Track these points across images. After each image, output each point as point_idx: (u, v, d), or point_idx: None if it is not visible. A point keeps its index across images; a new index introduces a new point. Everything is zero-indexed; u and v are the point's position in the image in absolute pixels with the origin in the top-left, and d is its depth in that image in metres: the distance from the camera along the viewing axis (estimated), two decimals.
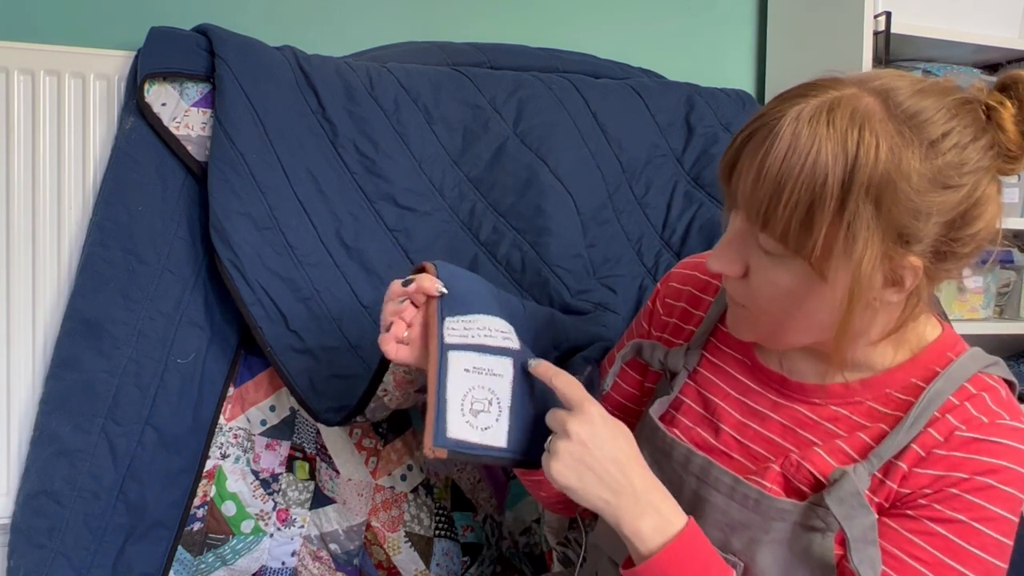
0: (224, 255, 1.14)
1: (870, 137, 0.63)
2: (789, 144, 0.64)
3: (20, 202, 1.21)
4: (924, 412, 0.72)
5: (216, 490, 1.22)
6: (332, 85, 1.25)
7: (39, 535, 1.11)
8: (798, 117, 0.65)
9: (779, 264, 0.69)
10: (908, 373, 0.76)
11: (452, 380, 0.82)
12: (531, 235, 1.28)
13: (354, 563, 1.24)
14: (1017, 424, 0.72)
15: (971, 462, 0.70)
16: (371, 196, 1.25)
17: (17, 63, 1.20)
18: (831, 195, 0.63)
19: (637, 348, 0.91)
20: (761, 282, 0.71)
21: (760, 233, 0.68)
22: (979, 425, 0.71)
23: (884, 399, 0.76)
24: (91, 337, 1.15)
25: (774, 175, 0.64)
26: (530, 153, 1.31)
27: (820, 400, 0.79)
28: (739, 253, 0.71)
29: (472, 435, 0.81)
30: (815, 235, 0.64)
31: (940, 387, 0.73)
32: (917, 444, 0.72)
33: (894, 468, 0.72)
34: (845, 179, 0.63)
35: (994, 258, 0.73)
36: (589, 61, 1.50)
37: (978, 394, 0.73)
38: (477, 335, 0.84)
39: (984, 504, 0.69)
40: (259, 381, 1.23)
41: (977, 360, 0.75)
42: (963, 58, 1.78)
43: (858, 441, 0.75)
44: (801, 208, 0.64)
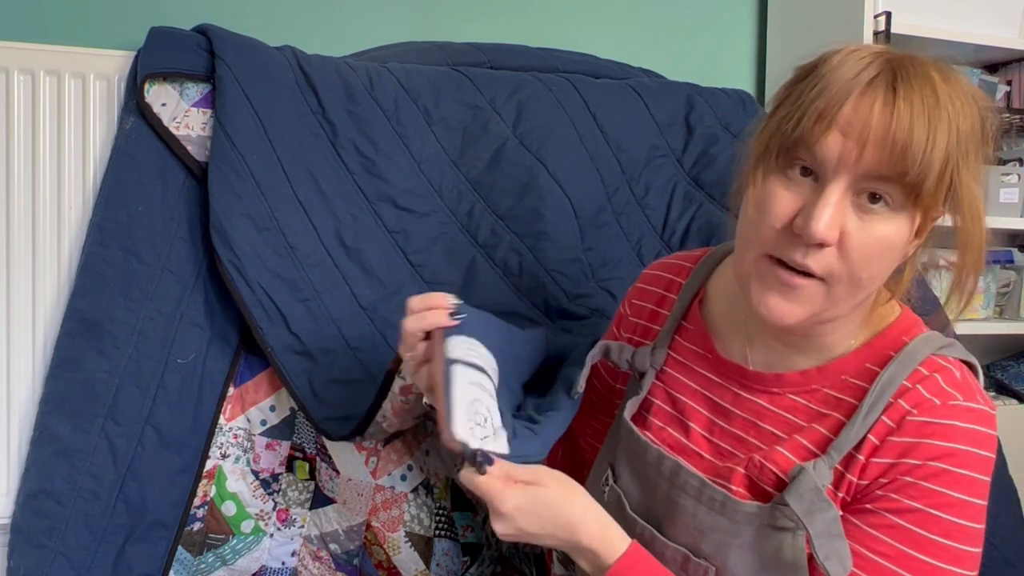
0: (224, 256, 1.14)
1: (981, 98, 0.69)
2: (945, 109, 0.65)
3: (20, 202, 1.21)
4: (879, 400, 0.71)
5: (216, 490, 1.22)
6: (332, 85, 1.25)
7: (39, 535, 1.11)
8: (924, 79, 0.66)
9: (882, 220, 0.67)
10: (863, 358, 0.75)
11: (458, 391, 0.83)
12: (529, 239, 1.28)
13: (354, 563, 1.24)
14: (972, 404, 0.71)
15: (923, 447, 0.69)
16: (371, 197, 1.25)
17: (17, 63, 1.20)
18: (969, 143, 0.67)
19: (604, 349, 0.90)
20: (862, 242, 0.67)
21: (885, 188, 0.66)
22: (931, 408, 0.70)
23: (840, 385, 0.75)
24: (91, 337, 1.15)
25: (943, 137, 0.65)
26: (529, 155, 1.31)
27: (778, 389, 0.78)
28: (839, 218, 0.67)
29: (475, 443, 0.82)
30: (944, 183, 0.66)
31: (893, 372, 0.72)
32: (872, 434, 0.71)
33: (853, 460, 0.72)
34: (977, 127, 0.67)
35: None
36: (589, 61, 1.50)
37: (930, 376, 0.71)
38: (471, 354, 0.86)
39: (941, 490, 0.68)
40: (259, 381, 1.23)
41: (930, 343, 0.74)
42: (963, 58, 1.77)
43: (816, 434, 0.75)
44: (939, 158, 0.64)
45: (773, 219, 0.70)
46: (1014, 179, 1.78)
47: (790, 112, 0.69)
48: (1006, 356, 1.96)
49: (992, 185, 1.77)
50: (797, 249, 0.69)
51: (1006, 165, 1.84)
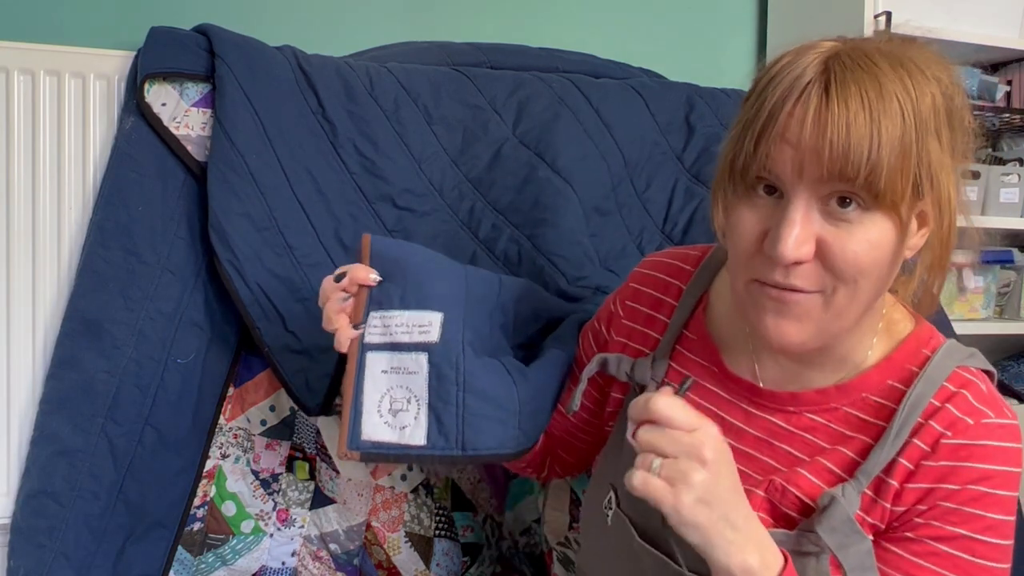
0: (223, 255, 1.14)
1: (948, 77, 0.65)
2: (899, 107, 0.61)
3: (20, 202, 1.20)
4: (907, 421, 0.69)
5: (216, 490, 1.22)
6: (332, 85, 1.25)
7: (39, 535, 1.11)
8: (875, 72, 0.62)
9: (858, 227, 0.63)
10: (884, 375, 0.73)
11: (370, 381, 0.82)
12: (528, 228, 1.28)
13: (354, 563, 1.24)
14: (1003, 421, 0.69)
15: (962, 471, 0.67)
16: (370, 196, 1.25)
17: (17, 63, 1.20)
18: (931, 122, 0.62)
19: (602, 362, 0.85)
20: (844, 251, 0.64)
21: (847, 191, 0.62)
22: (965, 429, 0.68)
23: (861, 404, 0.73)
24: (91, 337, 1.14)
25: (897, 138, 0.61)
26: (529, 152, 1.31)
27: (794, 408, 0.75)
28: (808, 232, 0.64)
29: (390, 435, 0.81)
30: (908, 173, 0.62)
31: (920, 391, 0.69)
32: (904, 457, 0.69)
33: (885, 485, 0.69)
34: (940, 103, 0.63)
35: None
36: (589, 61, 1.50)
37: (959, 392, 0.69)
38: (395, 332, 0.84)
39: (982, 513, 0.67)
40: (259, 381, 1.23)
41: (953, 356, 0.72)
42: (963, 58, 1.77)
43: (841, 456, 0.72)
44: (895, 153, 0.61)
45: (744, 243, 0.67)
46: (1014, 179, 1.78)
47: (738, 132, 0.67)
48: (1006, 356, 1.96)
49: (992, 185, 1.77)
50: (777, 270, 0.66)
51: (1006, 165, 1.85)
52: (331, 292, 0.86)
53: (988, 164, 1.83)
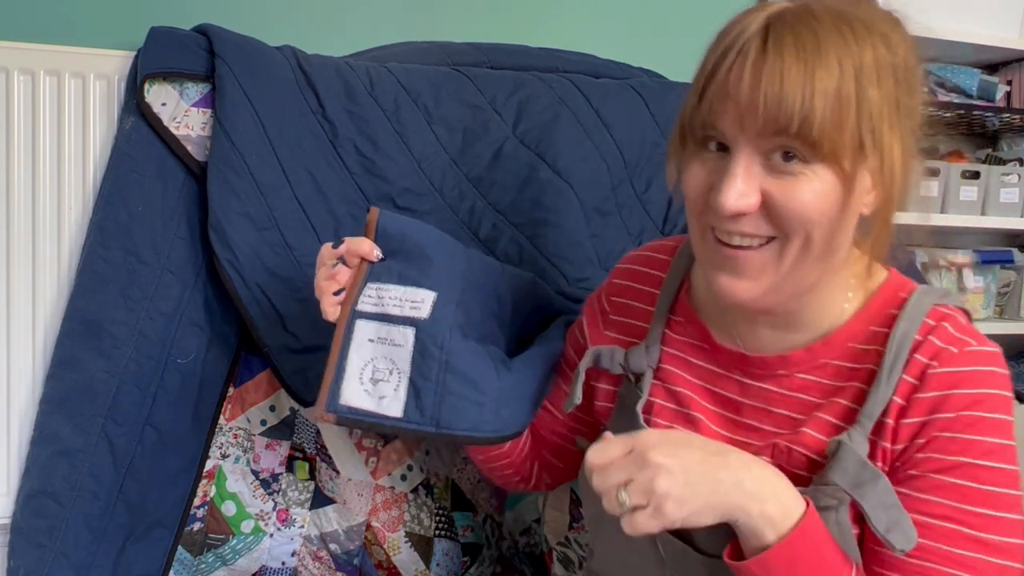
0: (222, 255, 1.14)
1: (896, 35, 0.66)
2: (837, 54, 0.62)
3: (20, 202, 1.21)
4: (897, 358, 0.69)
5: (216, 490, 1.22)
6: (332, 85, 1.25)
7: (39, 535, 1.11)
8: (817, 22, 0.63)
9: (801, 179, 0.65)
10: (864, 323, 0.74)
11: (355, 348, 0.84)
12: (529, 229, 1.28)
13: (354, 563, 1.24)
14: (985, 348, 0.70)
15: (953, 398, 0.68)
16: (370, 196, 1.25)
17: (17, 63, 1.20)
18: (874, 75, 0.63)
19: (596, 356, 0.86)
20: (789, 200, 0.65)
21: (787, 144, 0.64)
22: (950, 357, 0.69)
23: (848, 354, 0.73)
24: (91, 337, 1.15)
25: (796, 74, 0.62)
26: (529, 152, 1.31)
27: (785, 371, 0.76)
28: (751, 185, 0.65)
29: (367, 403, 0.83)
30: (847, 124, 0.63)
31: (904, 329, 0.70)
32: (896, 395, 0.69)
33: (883, 426, 0.70)
34: (885, 57, 0.64)
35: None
36: (589, 61, 1.50)
37: (939, 325, 0.70)
38: (388, 304, 0.85)
39: (980, 438, 0.67)
40: (259, 381, 1.23)
41: (930, 294, 0.73)
42: (963, 58, 1.78)
43: (838, 407, 0.73)
44: (829, 104, 0.62)
45: (694, 198, 0.70)
46: (1014, 179, 1.78)
47: (687, 95, 0.69)
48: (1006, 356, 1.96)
49: (992, 185, 1.77)
50: (725, 223, 0.67)
51: (1006, 165, 1.85)
52: (326, 259, 0.88)
53: (988, 164, 1.83)
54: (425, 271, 0.87)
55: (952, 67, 1.76)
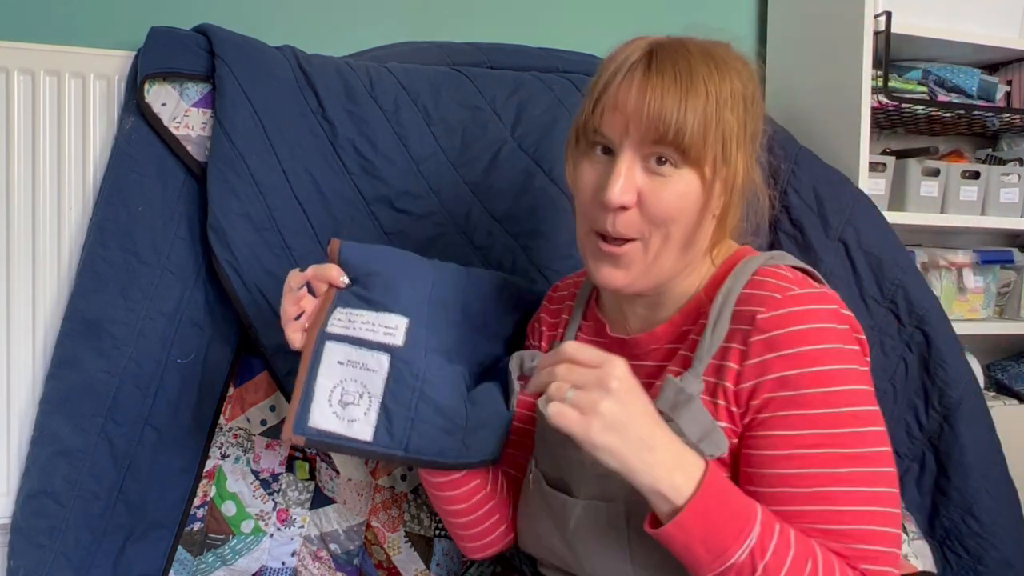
0: (222, 256, 1.14)
1: (745, 69, 0.82)
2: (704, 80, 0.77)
3: (20, 202, 1.21)
4: (723, 308, 0.79)
5: (216, 490, 1.22)
6: (332, 85, 1.25)
7: (39, 535, 1.11)
8: (687, 55, 0.78)
9: (670, 181, 0.78)
10: (711, 290, 0.83)
11: (324, 370, 0.85)
12: (523, 238, 1.28)
13: (354, 563, 1.24)
14: (808, 290, 0.77)
15: (783, 337, 0.75)
16: (368, 198, 1.24)
17: (17, 63, 1.20)
18: (737, 119, 0.78)
19: (519, 361, 0.93)
20: (658, 200, 0.78)
21: (662, 151, 0.77)
22: (773, 302, 0.76)
23: (698, 316, 0.83)
24: (91, 337, 1.15)
25: (703, 107, 0.76)
26: (527, 158, 1.31)
27: (655, 345, 0.86)
28: (631, 182, 0.78)
29: (337, 426, 0.84)
30: (716, 148, 0.77)
31: (729, 285, 0.80)
32: (735, 342, 0.77)
33: (723, 368, 0.78)
34: (743, 102, 0.79)
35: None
36: (589, 61, 1.50)
37: (764, 279, 0.79)
38: (359, 329, 0.86)
39: (821, 368, 0.74)
40: (259, 381, 1.23)
41: (758, 258, 0.83)
42: (963, 58, 1.77)
43: (680, 358, 0.82)
44: (717, 132, 0.77)
45: (584, 194, 0.82)
46: (1014, 179, 1.78)
47: (583, 105, 0.82)
48: (1006, 356, 1.96)
49: (992, 185, 1.77)
50: (607, 219, 0.79)
51: (1006, 165, 1.84)
52: (293, 284, 0.90)
53: (988, 164, 1.83)
54: (393, 296, 0.90)
55: (952, 67, 1.75)
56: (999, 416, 1.32)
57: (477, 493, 0.97)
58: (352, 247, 0.92)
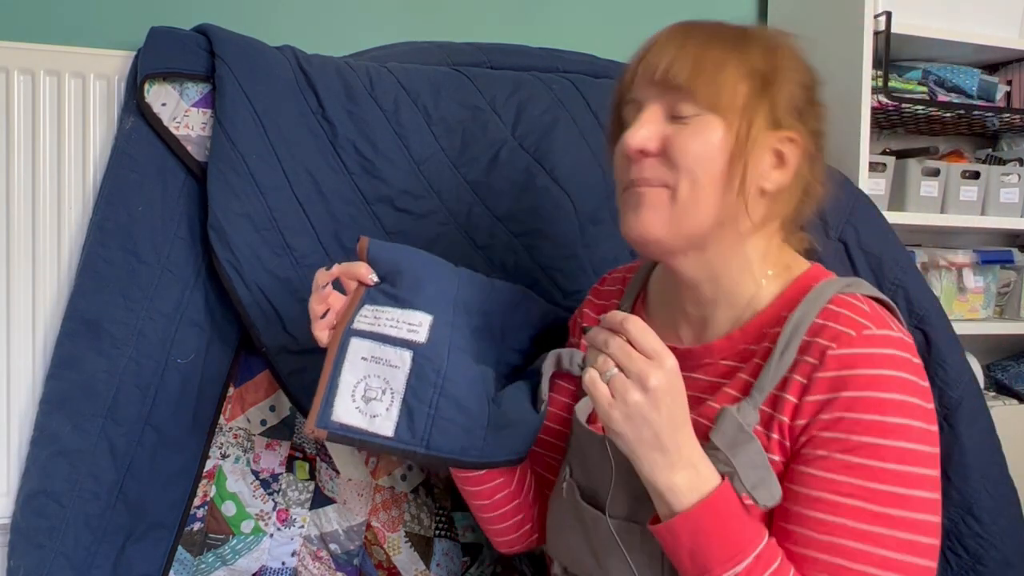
0: (222, 255, 1.14)
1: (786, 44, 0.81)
2: (713, 30, 0.80)
3: (20, 202, 1.21)
4: (792, 338, 0.75)
5: (216, 490, 1.22)
6: (332, 85, 1.25)
7: (39, 535, 1.11)
8: (721, 26, 0.81)
9: (690, 126, 0.77)
10: (778, 309, 0.79)
11: (349, 365, 0.85)
12: (525, 238, 1.28)
13: (354, 563, 1.24)
14: (885, 331, 0.73)
15: (851, 379, 0.71)
16: (369, 198, 1.24)
17: (17, 63, 1.20)
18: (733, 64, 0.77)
19: (557, 358, 0.91)
20: (681, 145, 0.77)
21: (673, 97, 0.77)
22: (848, 340, 0.72)
23: (762, 338, 0.79)
24: (91, 337, 1.15)
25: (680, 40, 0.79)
26: (528, 157, 1.31)
27: (710, 360, 0.83)
28: (653, 130, 0.78)
29: (359, 421, 0.84)
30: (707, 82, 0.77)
31: (803, 311, 0.76)
32: (797, 374, 0.74)
33: (781, 401, 0.74)
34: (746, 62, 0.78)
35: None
36: (589, 61, 1.50)
37: (839, 311, 0.75)
38: (384, 325, 0.87)
39: (881, 418, 0.70)
40: (259, 381, 1.23)
41: (835, 284, 0.79)
42: (963, 58, 1.78)
43: (740, 381, 0.79)
44: (692, 60, 0.77)
45: (617, 157, 0.83)
46: (1014, 179, 1.78)
47: (617, 90, 0.85)
48: (1006, 356, 1.96)
49: (992, 185, 1.77)
50: (632, 168, 0.79)
51: (1006, 165, 1.84)
52: (320, 282, 0.90)
53: (988, 164, 1.83)
54: (419, 294, 0.90)
55: (952, 67, 1.76)
56: (999, 416, 1.32)
57: (500, 491, 0.96)
58: (380, 245, 0.92)
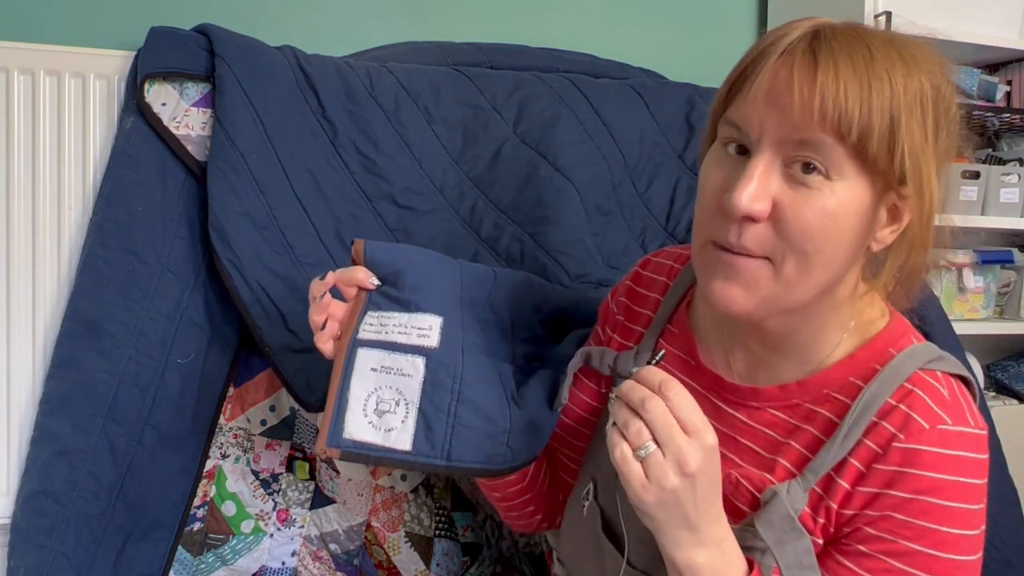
0: (223, 254, 1.14)
1: (934, 63, 0.64)
2: (871, 64, 0.61)
3: (20, 202, 1.21)
4: (860, 419, 0.67)
5: (216, 490, 1.22)
6: (332, 85, 1.25)
7: (39, 535, 1.11)
8: (863, 39, 0.62)
9: (818, 194, 0.63)
10: (847, 371, 0.70)
11: (357, 378, 0.80)
12: (531, 226, 1.28)
13: (354, 563, 1.24)
14: (962, 428, 0.66)
15: (910, 478, 0.64)
16: (371, 196, 1.25)
17: (17, 63, 1.20)
18: (910, 112, 0.61)
19: (586, 356, 0.86)
20: (799, 214, 0.63)
21: (812, 156, 0.62)
22: (918, 433, 0.65)
23: (822, 400, 0.71)
24: (91, 337, 1.14)
25: (861, 91, 0.60)
26: (530, 151, 1.31)
27: (757, 403, 0.74)
28: (765, 188, 0.63)
29: (373, 436, 0.79)
30: (896, 152, 0.61)
31: (876, 390, 0.67)
32: (856, 459, 0.67)
33: (834, 485, 0.68)
34: (928, 93, 0.62)
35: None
36: (589, 61, 1.50)
37: (915, 392, 0.66)
38: (392, 332, 0.82)
39: (936, 527, 0.64)
40: (259, 381, 1.23)
41: (916, 357, 0.69)
42: (963, 58, 1.78)
43: (792, 451, 0.71)
44: (878, 116, 0.60)
45: (706, 199, 0.68)
46: (1014, 179, 1.78)
47: (720, 91, 0.69)
48: (1006, 356, 1.96)
49: (992, 185, 1.77)
50: (731, 229, 0.65)
51: (1006, 165, 1.84)
52: (316, 293, 0.84)
53: (988, 164, 1.83)
54: (424, 295, 0.85)
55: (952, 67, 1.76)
56: (999, 416, 1.32)
57: (512, 486, 0.91)
58: (377, 246, 0.87)
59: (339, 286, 0.85)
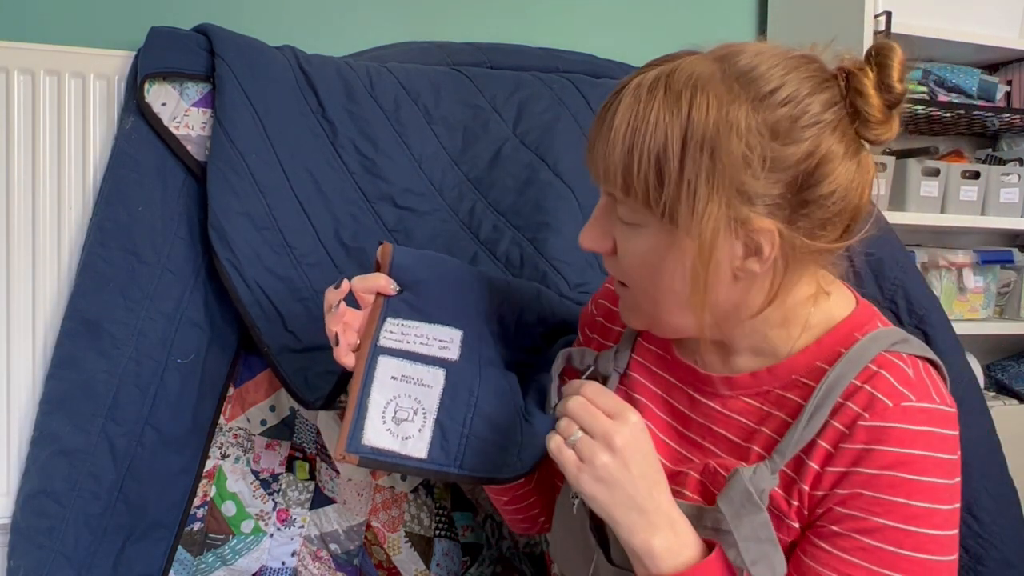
0: (222, 255, 1.14)
1: (700, 97, 0.64)
2: (631, 112, 0.65)
3: (20, 202, 1.21)
4: (825, 400, 0.68)
5: (216, 490, 1.22)
6: (332, 85, 1.25)
7: (39, 535, 1.11)
8: (639, 86, 0.66)
9: (637, 233, 0.69)
10: (813, 356, 0.72)
11: (378, 385, 0.81)
12: (530, 231, 1.28)
13: (354, 563, 1.24)
14: (926, 404, 0.67)
15: (876, 454, 0.65)
16: (370, 196, 1.25)
17: (17, 63, 1.20)
18: (673, 155, 0.64)
19: (567, 357, 0.87)
20: (625, 253, 0.70)
21: (618, 203, 0.69)
22: (882, 410, 0.66)
23: (790, 385, 0.72)
24: (91, 337, 1.14)
25: (621, 142, 0.65)
26: (530, 153, 1.31)
27: (729, 392, 0.76)
28: (604, 228, 0.71)
29: (391, 443, 0.80)
30: (665, 196, 0.65)
31: (840, 371, 0.68)
32: (825, 440, 0.68)
33: (805, 467, 0.69)
34: (683, 137, 0.64)
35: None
36: (589, 61, 1.50)
37: (879, 373, 0.67)
38: (413, 342, 0.83)
39: (905, 501, 0.65)
40: (259, 381, 1.23)
41: (881, 340, 0.70)
42: (963, 58, 1.78)
43: (762, 436, 0.73)
44: (650, 171, 0.65)
45: None
46: (1014, 179, 1.78)
47: None
48: (1006, 356, 1.96)
49: (992, 185, 1.77)
50: (605, 260, 0.74)
51: (1006, 165, 1.85)
52: (331, 302, 0.84)
53: (988, 164, 1.83)
54: (445, 306, 0.86)
55: (952, 67, 1.76)
56: (999, 416, 1.32)
57: (519, 488, 0.94)
58: (405, 252, 0.87)
59: (356, 294, 0.86)
